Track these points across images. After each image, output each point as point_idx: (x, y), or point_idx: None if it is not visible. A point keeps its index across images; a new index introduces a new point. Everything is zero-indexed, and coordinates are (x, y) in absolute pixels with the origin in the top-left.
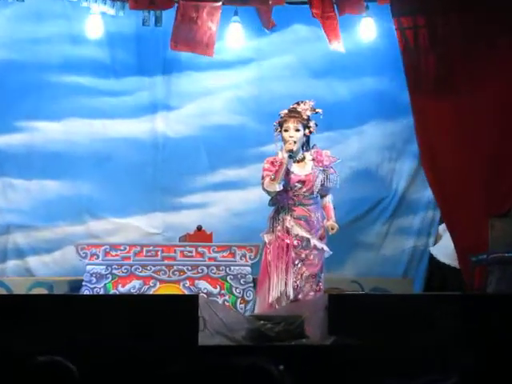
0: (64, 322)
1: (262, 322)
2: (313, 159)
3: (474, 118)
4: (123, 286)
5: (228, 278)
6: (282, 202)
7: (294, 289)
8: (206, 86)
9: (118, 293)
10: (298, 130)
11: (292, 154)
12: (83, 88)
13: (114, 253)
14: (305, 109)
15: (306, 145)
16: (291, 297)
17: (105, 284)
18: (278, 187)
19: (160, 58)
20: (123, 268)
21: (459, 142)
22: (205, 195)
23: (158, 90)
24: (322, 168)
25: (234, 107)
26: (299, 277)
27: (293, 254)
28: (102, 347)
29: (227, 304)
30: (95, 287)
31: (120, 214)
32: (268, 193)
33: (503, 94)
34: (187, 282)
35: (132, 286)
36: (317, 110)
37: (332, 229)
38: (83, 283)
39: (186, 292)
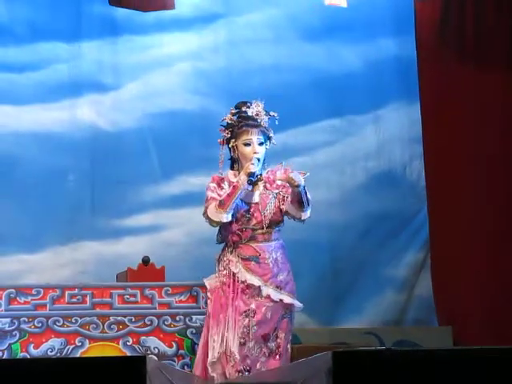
0: None
1: None
2: (264, 181)
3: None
4: (37, 346)
5: (188, 333)
6: (226, 238)
7: (241, 349)
8: (152, 56)
9: (29, 357)
10: (261, 144)
11: (253, 179)
12: None
13: (22, 299)
14: (258, 112)
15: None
16: (237, 359)
17: (10, 344)
18: (226, 218)
19: (85, 17)
20: (36, 321)
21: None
22: (155, 214)
23: (83, 63)
24: (275, 191)
25: (193, 85)
26: (246, 334)
27: (241, 304)
28: None
29: (187, 370)
30: None
31: (31, 246)
32: (210, 222)
33: None
34: (129, 338)
35: (50, 347)
36: (271, 114)
37: (291, 180)
38: None
39: (129, 353)
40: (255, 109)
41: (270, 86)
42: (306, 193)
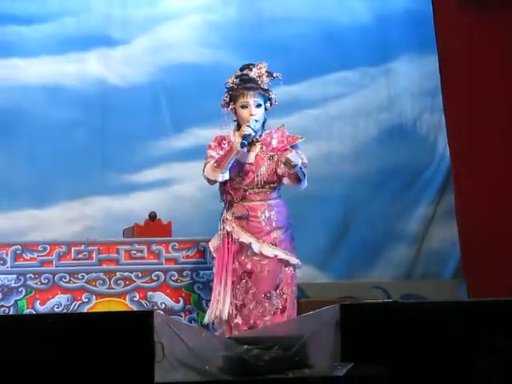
0: None
1: (245, 346)
2: (261, 143)
3: None
4: (43, 303)
5: (195, 288)
6: (221, 196)
7: (239, 311)
8: (162, 9)
9: (35, 313)
10: (259, 106)
11: (246, 141)
12: None
13: (28, 256)
14: (260, 75)
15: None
16: (233, 320)
17: (16, 301)
18: (222, 177)
19: None
20: (43, 277)
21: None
22: (167, 168)
23: (91, 17)
24: (271, 153)
25: (204, 38)
26: (246, 295)
27: (236, 265)
28: None
29: (195, 324)
30: (1, 306)
31: (39, 201)
32: (208, 181)
33: None
34: (136, 294)
35: (56, 303)
36: (275, 75)
37: (288, 161)
38: None
39: (135, 308)
40: (257, 71)
41: (282, 38)
42: (301, 168)
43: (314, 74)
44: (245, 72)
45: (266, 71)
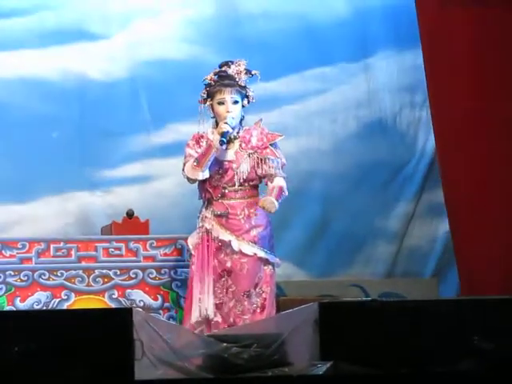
0: None
1: (225, 344)
2: (240, 140)
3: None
4: (23, 300)
5: (173, 286)
6: (200, 194)
7: (218, 309)
8: (141, 4)
9: (15, 310)
10: (236, 102)
11: (225, 139)
12: None
13: (7, 253)
14: (238, 72)
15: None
16: (215, 320)
17: None
18: (202, 175)
19: None
20: (22, 275)
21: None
22: (146, 164)
23: (70, 11)
24: (250, 151)
25: (183, 34)
26: (226, 293)
27: (215, 263)
28: None
29: (174, 322)
30: None
31: (18, 196)
32: (188, 180)
33: None
34: (115, 291)
35: (36, 300)
36: (253, 72)
37: (263, 203)
38: None
39: (114, 306)
40: (235, 68)
41: (260, 33)
42: (279, 199)
43: (292, 70)
44: (223, 69)
45: (245, 69)
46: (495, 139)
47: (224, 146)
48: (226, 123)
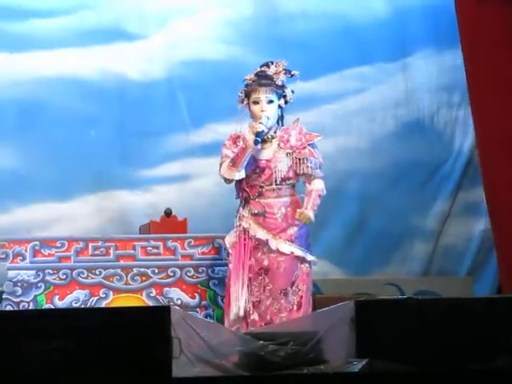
0: None
1: (261, 342)
2: (279, 139)
3: None
4: (61, 298)
5: (211, 284)
6: (238, 194)
7: (255, 307)
8: (178, 5)
9: (54, 308)
10: (271, 102)
11: (259, 138)
12: None
13: (47, 251)
14: (277, 72)
15: (280, 119)
16: (250, 317)
17: (35, 296)
18: (238, 175)
19: None
20: (61, 273)
21: None
22: (185, 163)
23: (110, 10)
24: (289, 150)
25: (221, 34)
26: (263, 291)
27: (253, 262)
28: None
29: (211, 320)
30: (21, 301)
31: (57, 195)
32: (224, 180)
33: None
34: (153, 290)
35: (74, 299)
36: (293, 73)
37: (299, 216)
38: (3, 296)
39: (152, 304)
40: (274, 68)
41: (299, 33)
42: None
43: (331, 69)
44: (263, 69)
45: (284, 69)
46: None
47: (259, 146)
48: (260, 123)
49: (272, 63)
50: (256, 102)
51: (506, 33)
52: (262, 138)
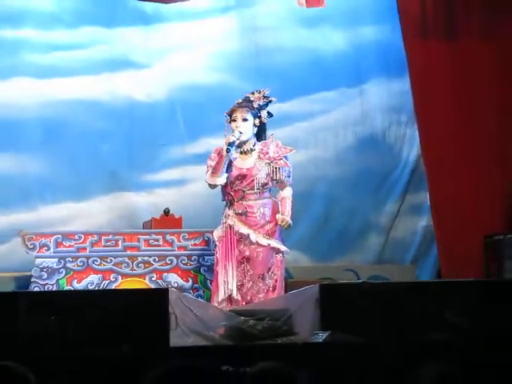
0: (10, 323)
1: (243, 317)
2: (258, 151)
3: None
4: (79, 281)
5: (201, 270)
6: (224, 196)
7: (238, 289)
8: (177, 41)
9: (73, 289)
10: (245, 120)
11: (230, 147)
12: (27, 42)
13: (67, 243)
14: (258, 98)
15: (263, 135)
16: (236, 298)
17: (57, 280)
18: (219, 181)
19: (120, 7)
20: (79, 261)
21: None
22: (182, 170)
23: (119, 44)
24: (267, 161)
25: (212, 64)
26: (245, 276)
27: (237, 253)
28: (56, 351)
29: (201, 300)
30: (46, 284)
31: (75, 196)
32: (209, 186)
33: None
34: (154, 275)
35: (89, 282)
36: (270, 99)
37: (282, 222)
38: (32, 279)
39: (153, 287)
40: (257, 95)
41: (276, 64)
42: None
43: (302, 93)
44: (248, 95)
45: (264, 96)
46: (474, 152)
47: (230, 154)
48: (233, 135)
49: (257, 91)
50: (234, 120)
51: (446, 64)
52: (232, 147)
